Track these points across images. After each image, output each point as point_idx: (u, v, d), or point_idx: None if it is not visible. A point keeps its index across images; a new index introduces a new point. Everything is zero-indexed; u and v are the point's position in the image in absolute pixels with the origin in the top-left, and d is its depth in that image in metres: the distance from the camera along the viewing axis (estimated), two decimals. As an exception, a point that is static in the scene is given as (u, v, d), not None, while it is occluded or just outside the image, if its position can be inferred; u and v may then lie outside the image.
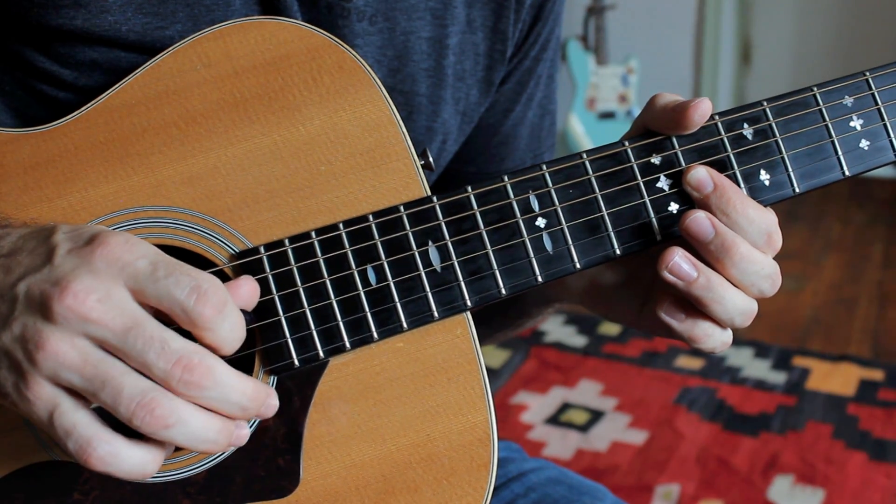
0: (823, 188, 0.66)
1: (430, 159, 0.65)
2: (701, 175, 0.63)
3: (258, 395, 0.54)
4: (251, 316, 0.60)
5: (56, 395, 0.50)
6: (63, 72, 0.66)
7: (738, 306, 0.62)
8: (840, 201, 4.01)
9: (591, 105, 4.03)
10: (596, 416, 2.45)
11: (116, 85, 0.63)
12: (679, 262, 0.61)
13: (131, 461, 0.51)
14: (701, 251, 0.62)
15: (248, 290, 0.58)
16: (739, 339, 2.83)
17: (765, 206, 0.64)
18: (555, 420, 2.44)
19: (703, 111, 0.62)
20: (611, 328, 2.93)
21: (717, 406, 2.46)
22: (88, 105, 0.63)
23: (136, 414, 0.49)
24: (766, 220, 0.62)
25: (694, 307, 0.63)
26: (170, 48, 0.63)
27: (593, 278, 0.72)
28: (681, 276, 0.61)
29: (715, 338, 0.64)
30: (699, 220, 0.61)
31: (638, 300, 0.69)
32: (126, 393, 0.49)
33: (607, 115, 4.03)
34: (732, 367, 2.67)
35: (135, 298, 0.51)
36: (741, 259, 0.61)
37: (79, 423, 0.50)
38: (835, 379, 2.58)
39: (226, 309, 0.52)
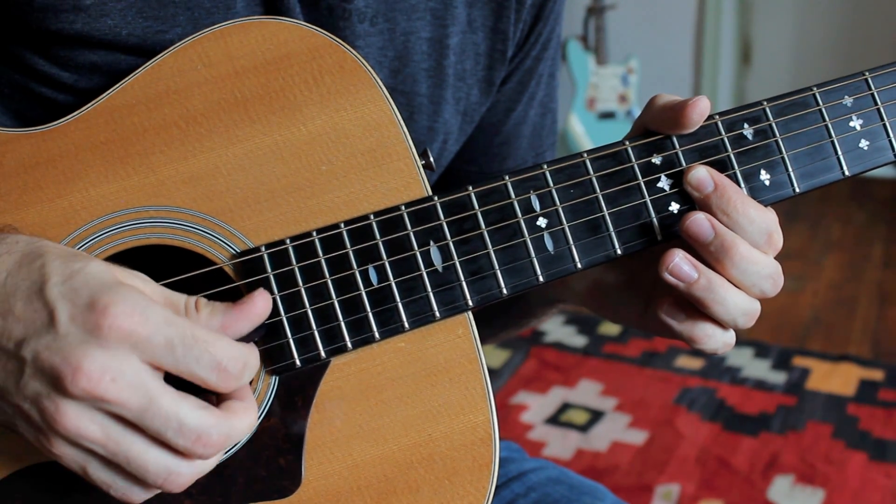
0: (823, 188, 0.66)
1: (431, 159, 0.65)
2: (701, 175, 0.63)
3: (254, 420, 0.57)
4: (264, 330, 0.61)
5: (83, 457, 0.52)
6: (63, 74, 0.66)
7: (740, 306, 0.62)
8: (840, 201, 4.01)
9: (591, 105, 4.03)
10: (596, 416, 2.45)
11: (117, 85, 0.63)
12: (679, 264, 0.61)
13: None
14: (701, 252, 0.62)
15: (262, 308, 0.58)
16: (739, 339, 2.82)
17: (765, 205, 0.64)
18: (555, 420, 2.44)
19: (701, 109, 0.62)
20: (611, 328, 2.93)
21: (717, 406, 2.46)
22: (89, 105, 0.63)
23: (163, 486, 0.53)
24: (766, 220, 0.62)
25: (694, 308, 0.63)
26: (170, 48, 0.63)
27: (596, 280, 0.72)
28: (681, 278, 0.61)
29: (716, 338, 0.64)
30: (699, 222, 0.61)
31: (641, 302, 0.69)
32: (152, 470, 0.52)
33: (607, 115, 4.03)
34: (732, 367, 2.67)
35: (151, 368, 0.51)
36: (741, 259, 0.61)
37: (115, 481, 0.53)
38: (835, 379, 2.58)
39: (245, 372, 0.53)
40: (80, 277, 0.51)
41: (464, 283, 0.63)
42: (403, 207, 0.63)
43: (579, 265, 0.64)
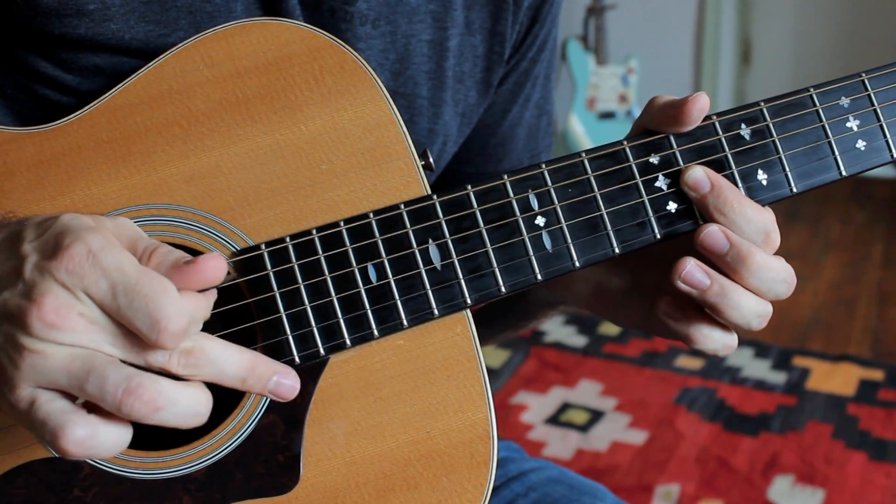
0: (822, 188, 0.66)
1: (431, 160, 0.66)
2: (698, 175, 0.63)
3: (257, 368, 0.54)
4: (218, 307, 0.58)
5: (34, 392, 0.50)
6: (66, 77, 0.66)
7: (753, 310, 0.63)
8: (840, 201, 4.01)
9: (591, 105, 4.03)
10: (596, 416, 2.45)
11: (119, 85, 0.64)
12: (692, 272, 0.62)
13: (109, 441, 0.51)
14: (717, 262, 0.62)
15: (211, 272, 0.53)
16: (739, 339, 2.82)
17: (762, 205, 0.64)
18: (555, 420, 2.44)
19: (700, 106, 0.63)
20: (611, 328, 2.94)
21: (717, 406, 2.46)
22: (92, 104, 0.64)
23: (124, 401, 0.49)
24: (763, 219, 0.63)
25: (693, 308, 0.64)
26: (173, 49, 0.64)
27: (600, 283, 0.73)
28: (694, 285, 0.62)
29: (715, 339, 0.65)
30: (713, 234, 0.62)
31: (645, 304, 0.69)
32: (111, 380, 0.49)
33: (607, 115, 4.03)
34: (732, 367, 2.67)
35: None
36: (758, 268, 0.61)
37: (53, 412, 0.50)
38: (835, 379, 2.58)
39: (187, 330, 0.51)
40: (49, 230, 0.52)
41: (462, 281, 0.63)
42: (403, 206, 0.63)
43: (577, 264, 0.64)
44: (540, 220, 0.64)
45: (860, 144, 0.66)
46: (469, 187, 0.64)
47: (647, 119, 0.66)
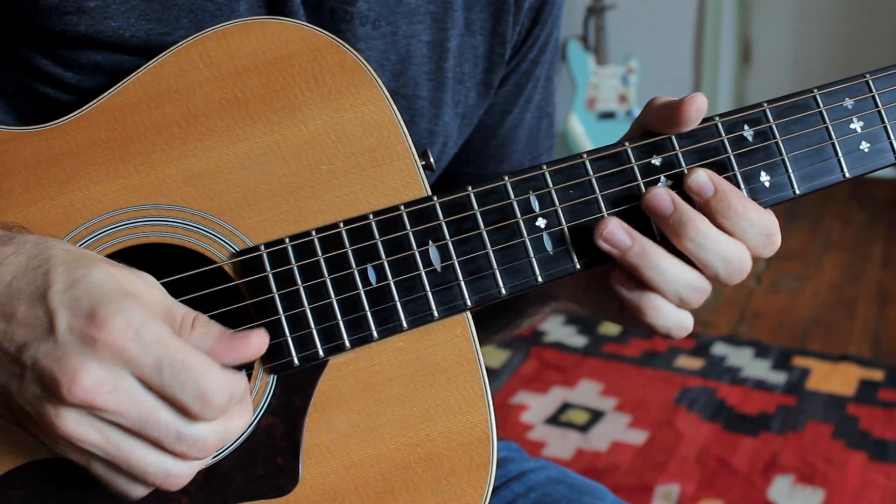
0: (824, 189, 0.66)
1: (431, 160, 0.65)
2: (701, 180, 0.63)
3: (249, 418, 0.58)
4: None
5: (85, 458, 0.53)
6: (66, 74, 0.66)
7: (680, 278, 0.62)
8: (840, 201, 4.01)
9: (591, 105, 4.03)
10: (596, 416, 2.45)
11: (118, 84, 0.63)
12: (613, 230, 0.61)
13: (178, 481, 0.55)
14: (662, 227, 0.62)
15: (257, 347, 0.56)
16: (739, 340, 2.83)
17: (765, 207, 0.64)
18: (555, 420, 2.44)
19: (698, 106, 0.62)
20: (611, 328, 2.94)
21: (717, 406, 2.46)
22: (90, 104, 0.63)
23: (163, 486, 0.54)
24: (766, 222, 0.62)
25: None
26: (172, 48, 0.63)
27: (583, 278, 0.72)
28: (615, 244, 0.61)
29: (666, 314, 0.63)
30: (658, 196, 0.62)
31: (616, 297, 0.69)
32: (151, 472, 0.53)
33: (607, 115, 4.03)
34: (732, 367, 2.67)
35: (142, 385, 0.52)
36: (697, 234, 0.61)
37: (116, 479, 0.54)
38: (835, 379, 2.58)
39: (229, 403, 0.53)
40: (81, 286, 0.51)
41: (462, 283, 0.63)
42: (403, 207, 0.63)
43: (578, 266, 0.64)
44: (541, 222, 0.64)
45: (864, 146, 0.66)
46: (470, 188, 0.63)
47: (645, 120, 0.65)
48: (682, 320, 0.64)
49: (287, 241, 0.62)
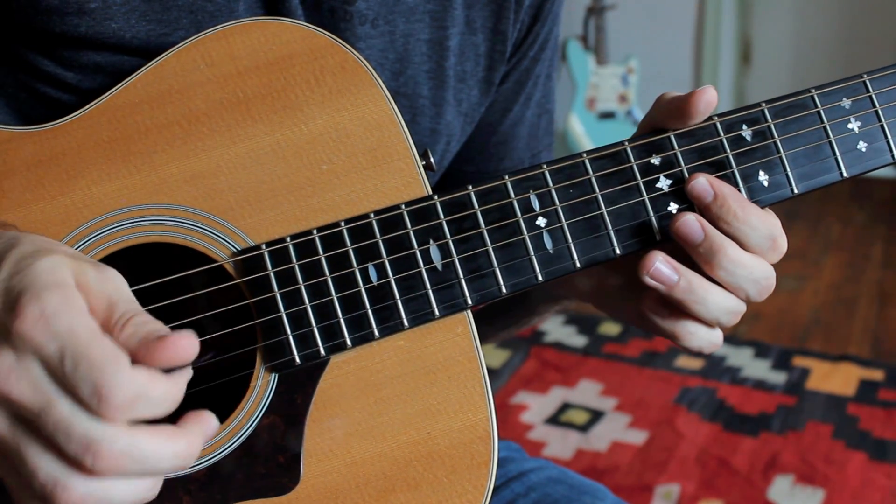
0: (823, 189, 0.66)
1: (432, 160, 0.65)
2: (701, 186, 0.63)
3: (192, 447, 0.51)
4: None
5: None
6: (66, 75, 0.66)
7: (722, 306, 0.62)
8: (840, 201, 4.01)
9: (591, 105, 4.03)
10: (596, 416, 2.45)
11: (120, 84, 0.64)
12: (660, 268, 0.61)
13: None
14: (691, 253, 0.62)
15: (182, 351, 0.50)
16: (739, 340, 2.83)
17: (762, 206, 0.64)
18: (555, 420, 2.44)
19: (707, 98, 0.63)
20: (611, 328, 2.94)
21: (717, 406, 2.46)
22: (92, 104, 0.63)
23: (51, 497, 0.49)
24: (769, 225, 0.62)
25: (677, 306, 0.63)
26: (173, 48, 0.64)
27: (600, 280, 0.73)
28: (662, 281, 0.62)
29: (700, 336, 0.64)
30: (689, 223, 0.61)
31: (638, 301, 0.69)
32: (40, 476, 0.49)
33: (607, 115, 4.03)
34: (732, 367, 2.67)
35: (49, 376, 0.49)
36: (729, 262, 0.61)
37: (16, 488, 0.50)
38: (835, 379, 2.58)
39: (136, 407, 0.48)
40: (19, 276, 0.50)
41: (463, 282, 0.63)
42: (403, 206, 0.63)
43: (578, 264, 0.64)
44: (541, 221, 0.64)
45: (861, 146, 0.66)
46: (470, 188, 0.64)
47: (654, 115, 0.66)
48: (715, 338, 0.65)
49: (288, 239, 0.62)
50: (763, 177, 0.65)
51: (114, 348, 0.49)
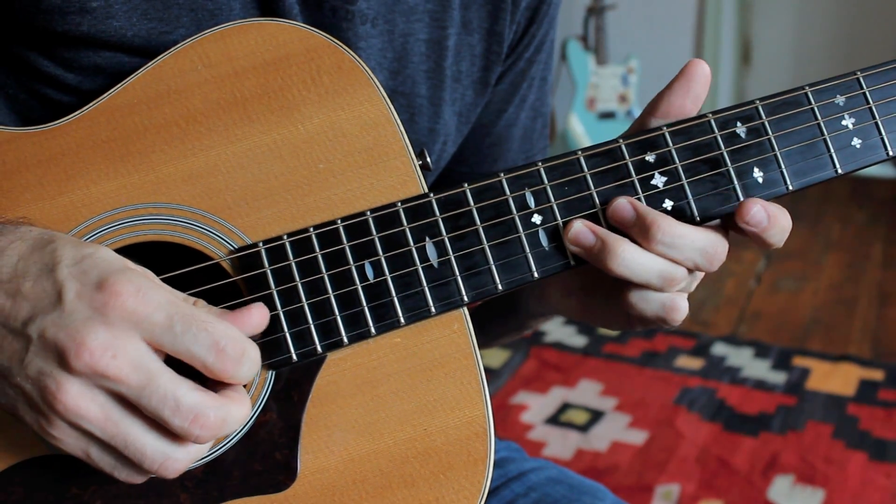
0: (823, 188, 0.67)
1: (429, 159, 0.66)
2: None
3: (248, 411, 0.56)
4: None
5: (83, 442, 0.53)
6: (67, 76, 0.67)
7: (642, 263, 0.62)
8: (840, 201, 4.01)
9: (591, 105, 4.03)
10: (596, 416, 2.45)
11: (118, 85, 0.64)
12: (581, 229, 0.63)
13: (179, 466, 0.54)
14: (631, 234, 0.63)
15: (258, 319, 0.57)
16: (740, 340, 2.83)
17: (760, 199, 0.64)
18: (555, 420, 2.44)
19: (704, 67, 0.64)
20: (611, 328, 2.93)
21: (717, 406, 2.46)
22: (91, 104, 0.64)
23: (159, 471, 0.53)
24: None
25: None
26: (171, 49, 0.64)
27: (581, 294, 0.72)
28: (582, 245, 0.63)
29: (650, 300, 0.64)
30: (621, 207, 0.63)
31: (604, 299, 0.70)
32: (149, 454, 0.52)
33: (607, 115, 4.03)
34: (732, 367, 2.67)
35: (151, 349, 0.52)
36: (664, 234, 0.61)
37: (114, 465, 0.54)
38: (835, 379, 2.58)
39: (243, 358, 0.53)
40: (90, 260, 0.52)
41: (459, 279, 0.63)
42: (399, 204, 0.64)
43: (573, 262, 0.64)
44: (536, 218, 0.64)
45: (855, 142, 0.66)
46: (466, 185, 0.64)
47: (656, 101, 0.66)
48: (669, 302, 0.64)
49: (285, 237, 0.63)
50: (758, 173, 0.65)
51: (209, 313, 0.53)
